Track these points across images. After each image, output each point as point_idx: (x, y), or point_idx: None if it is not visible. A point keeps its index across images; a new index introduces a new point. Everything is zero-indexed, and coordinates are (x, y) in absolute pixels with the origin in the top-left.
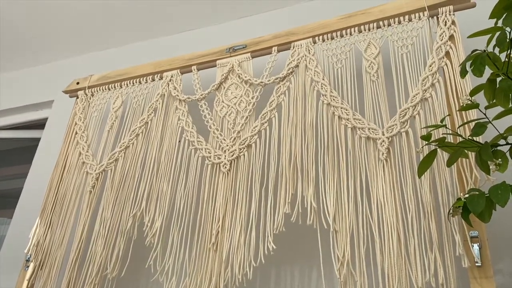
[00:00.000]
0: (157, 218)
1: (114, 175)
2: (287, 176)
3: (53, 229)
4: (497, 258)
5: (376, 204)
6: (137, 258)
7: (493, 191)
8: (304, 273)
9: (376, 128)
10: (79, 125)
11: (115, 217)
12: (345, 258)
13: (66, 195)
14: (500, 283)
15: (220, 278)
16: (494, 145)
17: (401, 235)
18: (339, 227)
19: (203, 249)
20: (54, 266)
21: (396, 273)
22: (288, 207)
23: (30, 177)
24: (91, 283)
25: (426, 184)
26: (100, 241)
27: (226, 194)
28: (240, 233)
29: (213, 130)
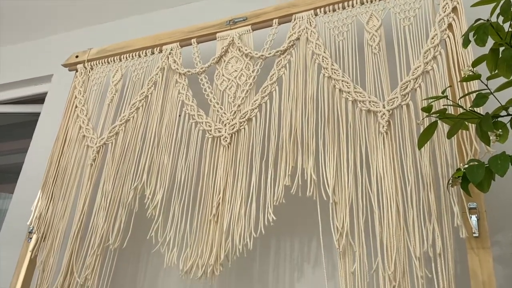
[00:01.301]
0: (158, 191)
1: (114, 148)
2: (287, 149)
3: (55, 202)
4: (495, 229)
5: (376, 176)
6: (138, 230)
7: (492, 161)
8: (304, 244)
9: (377, 101)
10: (79, 99)
11: (116, 190)
12: (344, 229)
13: (67, 169)
14: (497, 254)
15: (221, 248)
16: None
17: (400, 207)
18: (339, 198)
19: (204, 220)
20: (57, 237)
21: (394, 243)
22: (288, 179)
23: (31, 152)
24: (93, 254)
25: (426, 156)
26: (102, 213)
27: (226, 167)
28: (240, 205)
29: (213, 103)
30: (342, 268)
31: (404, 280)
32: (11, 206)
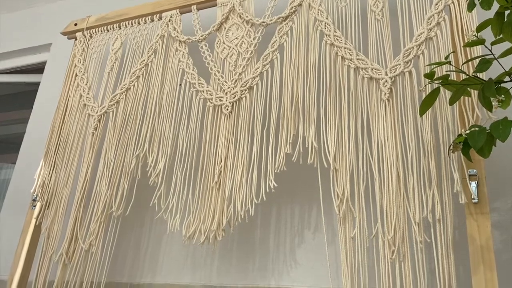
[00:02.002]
0: (160, 159)
1: (116, 117)
2: (288, 117)
3: (58, 170)
4: (494, 196)
5: (377, 143)
6: (141, 197)
7: (494, 126)
8: (304, 210)
9: (379, 68)
10: (79, 67)
11: (118, 158)
12: (345, 195)
13: (69, 138)
14: (496, 220)
15: (223, 215)
16: (498, 82)
17: (401, 173)
18: (339, 165)
19: (206, 188)
20: (60, 205)
21: (394, 209)
22: (289, 147)
23: (32, 122)
24: (97, 221)
25: (427, 124)
26: (104, 181)
27: (228, 135)
28: (242, 173)
29: (214, 72)
30: (342, 233)
31: (404, 245)
32: (14, 176)
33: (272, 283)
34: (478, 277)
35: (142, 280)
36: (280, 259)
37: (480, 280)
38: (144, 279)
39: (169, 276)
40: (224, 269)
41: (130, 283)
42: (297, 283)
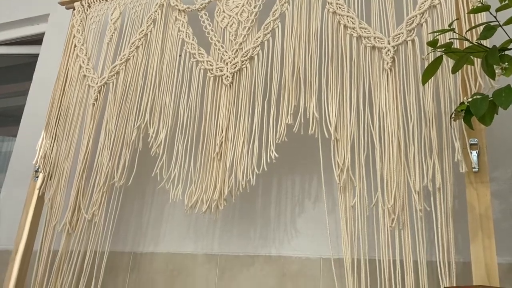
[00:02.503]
0: (161, 130)
1: (116, 88)
2: (290, 88)
3: (59, 141)
4: (494, 166)
5: (378, 113)
6: (143, 168)
7: (496, 94)
8: (305, 180)
9: (382, 37)
10: (78, 38)
11: (120, 129)
12: (345, 165)
13: (69, 109)
14: (495, 189)
15: (225, 185)
16: (502, 49)
17: (402, 143)
18: (340, 136)
19: (208, 158)
20: (63, 176)
21: (394, 178)
22: (290, 118)
23: (32, 93)
24: (99, 191)
25: (429, 93)
26: (106, 152)
27: (228, 106)
28: (243, 144)
29: (214, 42)
30: (342, 202)
31: (403, 213)
32: (16, 148)
33: (273, 252)
34: (477, 244)
35: (144, 249)
36: (281, 228)
37: (478, 247)
38: (146, 248)
39: (172, 245)
40: (226, 238)
41: (133, 252)
42: (297, 251)
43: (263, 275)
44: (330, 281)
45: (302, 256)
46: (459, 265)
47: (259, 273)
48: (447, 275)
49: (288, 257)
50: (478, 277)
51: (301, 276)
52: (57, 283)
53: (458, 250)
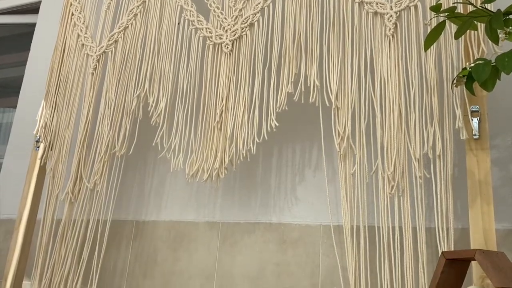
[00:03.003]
0: (161, 99)
1: (115, 56)
2: (290, 55)
3: (59, 111)
4: (495, 133)
5: (380, 80)
6: (144, 137)
7: (499, 58)
8: (305, 149)
9: (384, 2)
10: (75, 6)
11: (119, 98)
12: (346, 133)
13: (69, 78)
14: (495, 157)
15: (225, 154)
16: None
17: (403, 110)
18: (341, 104)
19: (208, 127)
20: (64, 146)
21: (395, 145)
22: (291, 86)
23: (30, 64)
24: (101, 161)
25: (431, 59)
26: (106, 121)
27: (229, 74)
28: (243, 112)
29: (213, 8)
30: (342, 170)
31: (403, 181)
32: (16, 118)
33: (274, 219)
34: (475, 210)
35: (147, 217)
36: (281, 196)
37: (477, 213)
38: (149, 217)
39: (174, 213)
40: (227, 206)
41: (136, 220)
42: (297, 219)
43: (263, 242)
44: (329, 247)
45: (302, 223)
46: (458, 231)
47: (260, 240)
48: (445, 241)
49: (288, 224)
50: (476, 243)
51: (301, 243)
52: (61, 251)
53: (457, 217)
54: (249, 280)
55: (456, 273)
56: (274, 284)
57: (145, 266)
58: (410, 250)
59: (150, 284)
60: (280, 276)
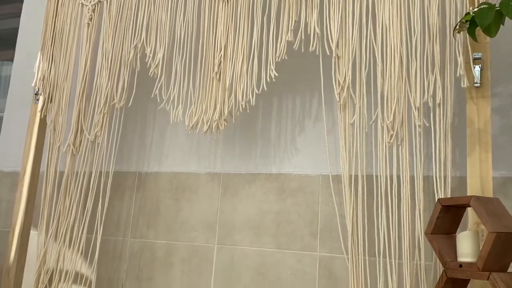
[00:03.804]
0: (159, 49)
1: (110, 6)
2: (290, 2)
3: (56, 63)
4: (497, 81)
5: (381, 28)
6: (143, 89)
7: (504, 3)
8: (305, 100)
9: None
10: None
11: (116, 49)
12: (346, 82)
13: (64, 29)
14: (496, 105)
15: (224, 105)
16: None
17: (404, 58)
18: (342, 52)
19: (207, 78)
20: (63, 98)
21: (395, 94)
22: (290, 34)
23: (24, 15)
24: (100, 113)
25: (434, 5)
26: (104, 72)
27: (227, 22)
28: (242, 62)
29: None
30: (342, 120)
31: (402, 130)
32: (14, 71)
33: (274, 170)
34: (473, 158)
35: (149, 169)
36: (281, 147)
37: (475, 161)
38: (151, 168)
39: (175, 164)
40: (228, 157)
41: (138, 172)
42: (297, 169)
43: (264, 192)
44: (328, 196)
45: (302, 173)
46: (456, 179)
47: (260, 190)
48: (443, 189)
49: (288, 175)
50: (472, 190)
51: (301, 192)
52: (65, 202)
53: (456, 165)
54: (250, 229)
55: (452, 219)
56: (274, 232)
57: (149, 216)
58: (407, 198)
59: (154, 233)
60: (280, 224)
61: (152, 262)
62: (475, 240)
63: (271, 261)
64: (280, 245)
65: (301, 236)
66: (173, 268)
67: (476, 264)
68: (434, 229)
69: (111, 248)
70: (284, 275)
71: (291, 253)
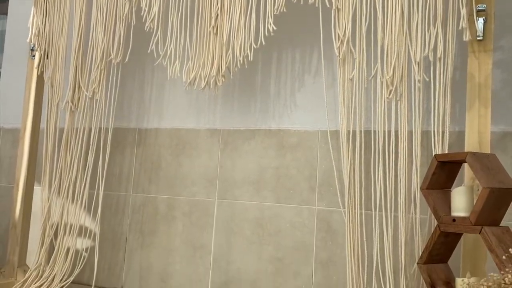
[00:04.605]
0: (154, 2)
1: None
2: None
3: (51, 17)
4: (500, 34)
5: None
6: (139, 44)
7: None
8: (305, 55)
9: None
10: None
11: (111, 2)
12: (346, 36)
13: None
14: (499, 59)
15: (222, 60)
16: None
17: (405, 11)
18: (342, 5)
19: (204, 32)
20: (59, 54)
21: (395, 48)
22: None
23: None
24: (97, 68)
25: None
26: (100, 28)
27: None
28: (240, 16)
29: None
30: (341, 75)
31: (402, 85)
32: (8, 26)
33: (273, 126)
34: (472, 113)
35: (149, 125)
36: (280, 103)
37: (473, 116)
38: (151, 124)
39: (175, 121)
40: (227, 113)
41: (138, 128)
42: (297, 124)
43: (263, 148)
44: (327, 152)
45: (301, 129)
46: (454, 134)
47: (260, 146)
48: (440, 144)
49: (287, 130)
50: (470, 145)
51: (300, 148)
52: (66, 158)
53: (455, 120)
54: (250, 184)
55: (447, 175)
56: (274, 186)
57: (150, 171)
58: (405, 153)
59: (155, 188)
60: (279, 179)
61: (155, 216)
62: (469, 196)
63: (270, 214)
64: (279, 199)
65: (300, 190)
66: (175, 221)
67: (469, 219)
68: (429, 185)
69: (114, 202)
70: (283, 228)
71: (290, 207)
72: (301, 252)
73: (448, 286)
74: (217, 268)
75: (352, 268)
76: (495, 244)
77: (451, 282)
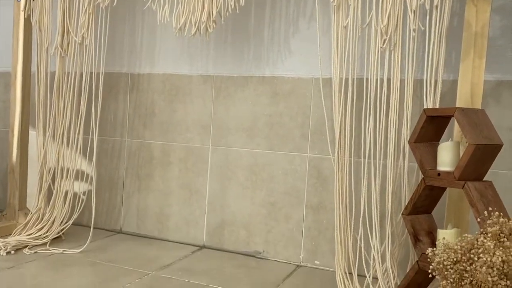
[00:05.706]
0: None
1: None
2: None
3: None
4: None
5: None
6: None
7: None
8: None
9: None
10: None
11: None
12: None
13: None
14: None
15: (213, 5)
16: None
17: None
18: None
19: None
20: None
21: None
22: None
23: None
24: (86, 13)
25: None
26: None
27: None
28: None
29: None
30: (335, 22)
31: (396, 34)
32: None
33: (267, 72)
34: (466, 64)
35: (141, 70)
36: (274, 49)
37: (467, 66)
38: (143, 70)
39: (167, 66)
40: (220, 60)
41: (130, 73)
42: (290, 72)
43: (256, 95)
44: (320, 100)
45: (295, 76)
46: (448, 83)
47: (253, 93)
48: (432, 94)
49: (281, 78)
50: (462, 95)
51: (293, 95)
52: (59, 103)
53: (450, 68)
54: (244, 130)
55: (436, 129)
56: (267, 133)
57: (144, 117)
58: (397, 103)
59: (150, 134)
60: (272, 126)
61: (150, 161)
62: (455, 151)
63: (263, 161)
64: (272, 146)
65: (293, 138)
66: (171, 167)
67: (453, 174)
68: (417, 139)
69: (110, 147)
70: (276, 173)
71: (282, 154)
72: (292, 197)
73: (430, 236)
74: (212, 211)
75: (340, 215)
76: (477, 198)
77: (433, 232)
